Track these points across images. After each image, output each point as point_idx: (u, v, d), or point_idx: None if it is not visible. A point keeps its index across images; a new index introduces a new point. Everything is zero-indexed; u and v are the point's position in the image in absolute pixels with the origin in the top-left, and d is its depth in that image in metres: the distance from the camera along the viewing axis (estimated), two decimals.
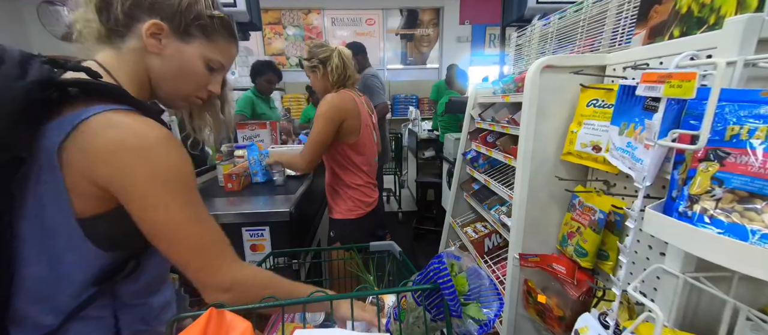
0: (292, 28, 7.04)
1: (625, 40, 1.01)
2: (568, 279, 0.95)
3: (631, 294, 0.59)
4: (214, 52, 0.67)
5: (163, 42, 0.61)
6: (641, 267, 0.81)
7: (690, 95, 0.50)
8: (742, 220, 0.45)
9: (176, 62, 0.63)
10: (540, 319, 1.06)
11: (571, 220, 0.98)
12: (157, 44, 0.61)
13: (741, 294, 0.58)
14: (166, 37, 0.61)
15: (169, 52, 0.62)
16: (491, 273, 1.38)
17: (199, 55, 0.65)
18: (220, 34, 0.67)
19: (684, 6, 0.77)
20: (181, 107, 0.72)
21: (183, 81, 0.66)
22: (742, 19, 0.57)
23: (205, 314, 0.44)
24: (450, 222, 1.92)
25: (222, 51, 0.68)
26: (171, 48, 0.62)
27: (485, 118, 1.58)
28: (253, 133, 2.13)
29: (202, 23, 0.63)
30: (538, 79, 1.00)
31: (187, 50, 0.64)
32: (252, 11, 2.06)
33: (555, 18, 1.32)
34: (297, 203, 1.43)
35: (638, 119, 0.64)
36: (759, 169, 0.46)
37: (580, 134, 0.93)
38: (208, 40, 0.65)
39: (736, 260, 0.44)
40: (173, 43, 0.62)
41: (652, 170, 0.60)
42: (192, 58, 0.64)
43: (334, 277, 1.33)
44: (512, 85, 1.26)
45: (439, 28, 7.19)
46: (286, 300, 0.56)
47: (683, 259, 0.63)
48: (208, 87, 0.69)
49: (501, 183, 1.37)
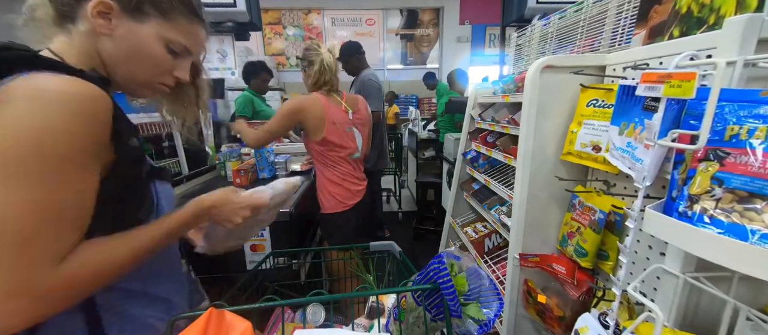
0: (292, 28, 7.05)
1: (625, 41, 1.01)
2: (568, 279, 0.95)
3: (631, 294, 0.59)
4: (174, 33, 0.61)
5: (114, 22, 0.56)
6: (641, 267, 0.81)
7: (690, 95, 0.51)
8: (742, 220, 0.46)
9: (129, 43, 0.58)
10: (540, 319, 1.06)
11: (571, 220, 0.98)
12: (107, 24, 0.56)
13: (741, 294, 0.58)
14: (116, 16, 0.56)
15: (120, 32, 0.57)
16: (491, 273, 1.38)
17: (155, 35, 0.59)
18: (178, 11, 0.61)
19: (684, 6, 0.77)
20: (144, 94, 0.65)
21: (139, 64, 0.60)
22: (742, 19, 0.57)
23: (205, 314, 0.44)
24: (450, 222, 1.92)
25: (184, 32, 0.62)
26: (122, 28, 0.57)
27: (485, 118, 1.58)
28: None
29: (158, 1, 0.58)
30: (538, 80, 1.00)
31: (142, 31, 0.58)
32: (252, 11, 2.06)
33: (555, 18, 1.32)
34: (297, 203, 1.43)
35: (638, 119, 0.64)
36: (759, 169, 0.46)
37: (580, 134, 0.93)
38: (166, 19, 0.60)
39: (736, 260, 0.44)
40: (125, 22, 0.57)
41: (652, 170, 0.61)
42: (147, 40, 0.59)
43: (334, 277, 1.33)
44: (512, 85, 1.26)
45: (439, 28, 7.20)
46: (287, 300, 0.56)
47: (683, 259, 0.63)
48: (174, 73, 0.64)
49: (501, 183, 1.37)
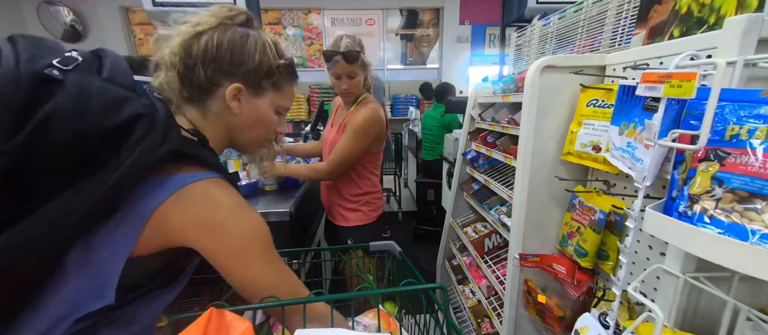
0: (292, 28, 7.04)
1: (625, 40, 1.01)
2: (568, 279, 0.95)
3: (631, 294, 0.59)
4: (283, 99, 0.70)
5: (242, 102, 0.64)
6: (641, 267, 0.81)
7: (690, 95, 0.50)
8: (742, 220, 0.46)
9: (253, 117, 0.67)
10: (540, 319, 1.06)
11: (571, 220, 0.98)
12: (238, 106, 0.64)
13: (741, 294, 0.58)
14: (243, 96, 0.64)
15: (246, 109, 0.65)
16: (491, 273, 1.38)
17: (270, 105, 0.68)
18: (286, 80, 0.70)
19: (684, 6, 0.77)
20: (255, 151, 0.75)
21: (257, 132, 0.69)
22: (742, 19, 0.57)
23: (205, 314, 0.44)
24: (450, 222, 1.92)
25: (288, 96, 0.71)
26: (248, 105, 0.65)
27: (485, 118, 1.58)
28: None
29: (273, 77, 0.67)
30: (538, 80, 1.00)
31: (261, 104, 0.67)
32: (252, 11, 2.06)
33: (555, 18, 1.32)
34: (297, 204, 1.43)
35: (638, 119, 0.64)
36: (759, 169, 0.46)
37: (580, 134, 0.93)
38: (277, 90, 0.68)
39: (736, 260, 0.44)
40: (248, 100, 0.65)
41: (652, 170, 0.60)
42: (265, 111, 0.68)
43: (334, 277, 1.33)
44: (512, 85, 1.26)
45: (439, 28, 7.19)
46: (287, 300, 0.56)
47: (683, 259, 0.63)
48: (277, 129, 0.73)
49: (501, 183, 1.37)
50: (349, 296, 0.61)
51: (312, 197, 1.70)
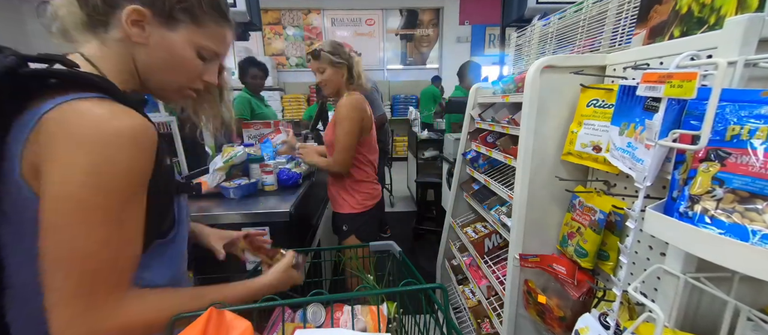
0: (292, 29, 7.05)
1: (625, 41, 1.01)
2: (568, 279, 0.95)
3: (632, 294, 0.59)
4: (205, 39, 0.60)
5: (147, 30, 0.55)
6: (642, 267, 0.81)
7: (691, 95, 0.50)
8: (743, 220, 0.45)
9: (163, 52, 0.57)
10: (540, 319, 1.06)
11: (571, 220, 0.98)
12: (141, 33, 0.55)
13: (742, 295, 0.58)
14: (150, 24, 0.55)
15: (154, 41, 0.56)
16: (491, 273, 1.38)
17: (187, 42, 0.59)
18: (209, 16, 0.60)
19: (684, 6, 0.77)
20: (174, 100, 0.65)
21: (173, 73, 0.60)
22: (743, 20, 0.57)
23: (205, 314, 0.44)
24: (450, 222, 1.92)
25: (214, 36, 0.61)
26: (156, 36, 0.56)
27: (485, 118, 1.58)
28: (259, 132, 2.15)
29: (188, 5, 0.57)
30: (538, 80, 1.00)
31: (174, 38, 0.57)
32: (252, 11, 2.07)
33: (555, 18, 1.32)
34: (297, 204, 1.43)
35: (639, 119, 0.64)
36: (760, 169, 0.46)
37: (580, 134, 0.93)
38: (197, 25, 0.59)
39: (736, 260, 0.44)
40: (158, 31, 0.56)
41: (653, 170, 0.60)
42: (180, 47, 0.58)
43: (334, 277, 1.33)
44: (512, 85, 1.26)
45: (438, 28, 7.20)
46: (287, 300, 0.56)
47: (684, 259, 0.63)
48: (203, 77, 0.63)
49: (501, 183, 1.37)
50: (349, 296, 0.60)
51: (312, 197, 1.71)
